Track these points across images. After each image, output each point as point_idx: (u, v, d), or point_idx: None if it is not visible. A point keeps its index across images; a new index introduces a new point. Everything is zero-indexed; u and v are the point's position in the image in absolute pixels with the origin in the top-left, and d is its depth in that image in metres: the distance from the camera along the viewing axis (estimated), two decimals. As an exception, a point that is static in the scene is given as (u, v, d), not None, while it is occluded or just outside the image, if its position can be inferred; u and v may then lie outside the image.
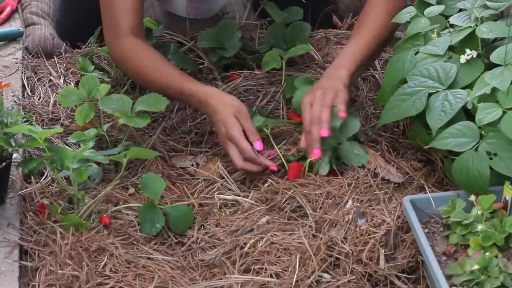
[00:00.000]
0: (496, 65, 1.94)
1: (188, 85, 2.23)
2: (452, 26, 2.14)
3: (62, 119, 2.39)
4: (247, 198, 2.11)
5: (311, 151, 2.10)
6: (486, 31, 2.01)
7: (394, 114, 2.06)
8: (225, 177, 2.19)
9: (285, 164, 2.17)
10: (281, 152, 2.19)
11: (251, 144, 2.14)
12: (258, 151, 2.15)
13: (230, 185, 2.17)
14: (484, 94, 1.91)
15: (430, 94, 2.01)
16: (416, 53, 2.11)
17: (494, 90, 1.91)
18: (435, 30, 2.13)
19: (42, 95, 2.50)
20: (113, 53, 2.36)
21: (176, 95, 2.26)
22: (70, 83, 2.55)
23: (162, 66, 2.29)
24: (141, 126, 2.20)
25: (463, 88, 1.99)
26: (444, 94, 1.99)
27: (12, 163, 2.05)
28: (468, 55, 2.01)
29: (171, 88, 2.24)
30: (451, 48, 2.08)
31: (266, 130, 2.23)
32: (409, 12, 2.19)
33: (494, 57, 1.95)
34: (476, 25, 2.04)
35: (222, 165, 2.21)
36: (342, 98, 2.13)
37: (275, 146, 2.20)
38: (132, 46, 2.31)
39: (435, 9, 2.18)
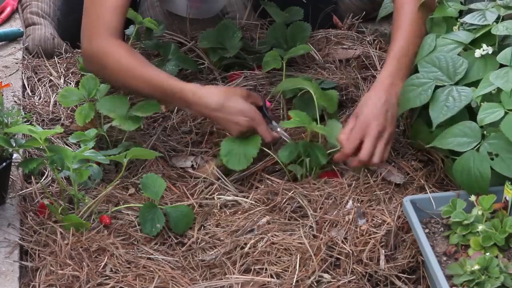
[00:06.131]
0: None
1: (173, 85, 2.18)
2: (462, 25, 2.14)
3: (62, 119, 2.40)
4: (247, 198, 2.11)
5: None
6: (501, 29, 2.00)
7: (401, 104, 2.05)
8: (222, 178, 2.19)
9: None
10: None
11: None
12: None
13: (228, 187, 2.17)
14: (490, 93, 1.91)
15: (436, 88, 2.00)
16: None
17: (499, 90, 1.90)
18: (457, 23, 2.12)
19: (42, 95, 2.50)
20: (93, 48, 2.21)
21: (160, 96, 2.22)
22: (70, 83, 2.55)
23: (145, 68, 2.21)
24: (131, 129, 2.18)
25: (474, 82, 1.98)
26: (450, 89, 1.99)
27: (13, 163, 2.05)
28: (484, 50, 2.01)
29: (156, 91, 2.20)
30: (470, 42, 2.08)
31: None
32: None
33: (501, 57, 1.95)
34: (496, 22, 2.03)
35: (219, 167, 2.21)
36: (387, 136, 2.09)
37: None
38: (118, 44, 2.22)
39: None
